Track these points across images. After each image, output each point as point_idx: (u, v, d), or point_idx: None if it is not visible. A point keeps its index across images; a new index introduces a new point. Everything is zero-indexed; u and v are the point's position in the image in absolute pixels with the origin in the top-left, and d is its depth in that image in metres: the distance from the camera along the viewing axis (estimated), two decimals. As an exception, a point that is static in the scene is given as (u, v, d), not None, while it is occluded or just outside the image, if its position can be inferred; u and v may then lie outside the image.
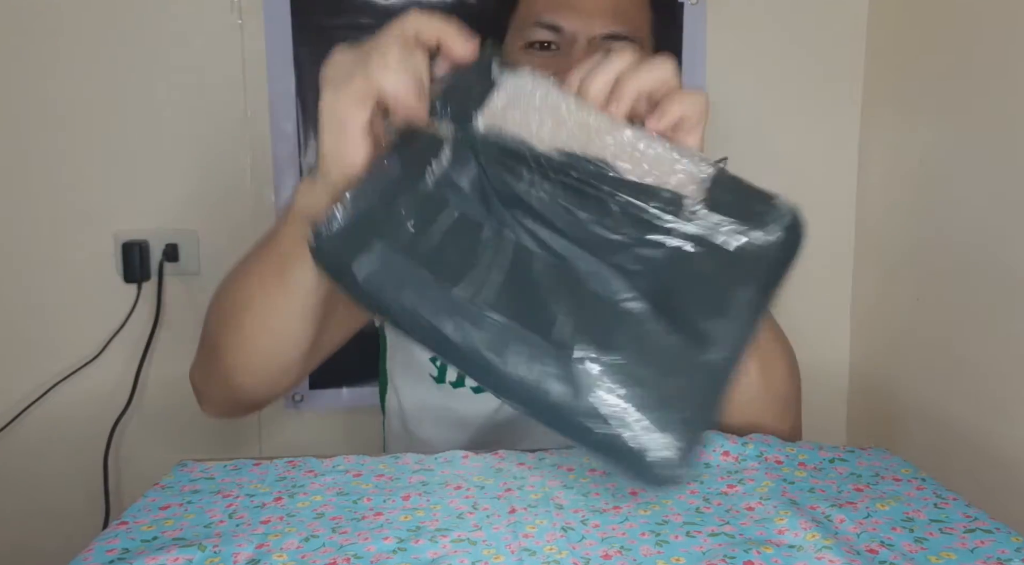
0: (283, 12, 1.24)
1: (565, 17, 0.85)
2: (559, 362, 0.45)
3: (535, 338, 0.45)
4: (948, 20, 1.15)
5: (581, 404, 0.44)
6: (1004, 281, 1.03)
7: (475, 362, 0.46)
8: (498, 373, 0.45)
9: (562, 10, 0.85)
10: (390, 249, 0.47)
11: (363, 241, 0.48)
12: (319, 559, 0.49)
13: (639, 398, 0.44)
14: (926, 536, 0.52)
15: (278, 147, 1.27)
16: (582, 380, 0.44)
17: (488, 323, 0.45)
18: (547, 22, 0.85)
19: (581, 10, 0.85)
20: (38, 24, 1.21)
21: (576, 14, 0.85)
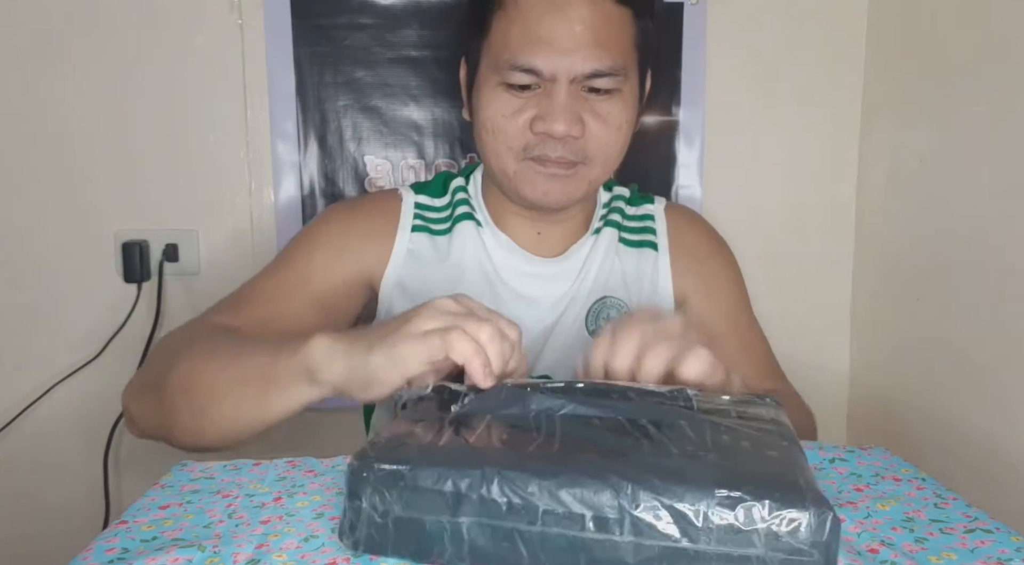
0: (283, 12, 1.24)
1: (544, 58, 0.78)
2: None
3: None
4: (948, 20, 1.15)
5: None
6: (1004, 281, 1.03)
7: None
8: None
9: (539, 50, 0.78)
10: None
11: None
12: (319, 559, 0.49)
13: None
14: (926, 536, 0.52)
15: (278, 147, 1.27)
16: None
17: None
18: (523, 65, 0.79)
19: (559, 48, 0.78)
20: (38, 24, 1.21)
21: (554, 53, 0.78)
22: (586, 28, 0.78)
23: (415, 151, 1.30)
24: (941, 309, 1.16)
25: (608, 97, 0.82)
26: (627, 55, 0.83)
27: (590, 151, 0.83)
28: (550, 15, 0.78)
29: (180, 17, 1.23)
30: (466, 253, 0.91)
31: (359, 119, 1.28)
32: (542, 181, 0.83)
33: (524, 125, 0.81)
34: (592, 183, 0.86)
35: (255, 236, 1.29)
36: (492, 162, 0.86)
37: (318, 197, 1.29)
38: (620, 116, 0.83)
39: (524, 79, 0.80)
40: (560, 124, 0.79)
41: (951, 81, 1.14)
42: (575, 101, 0.80)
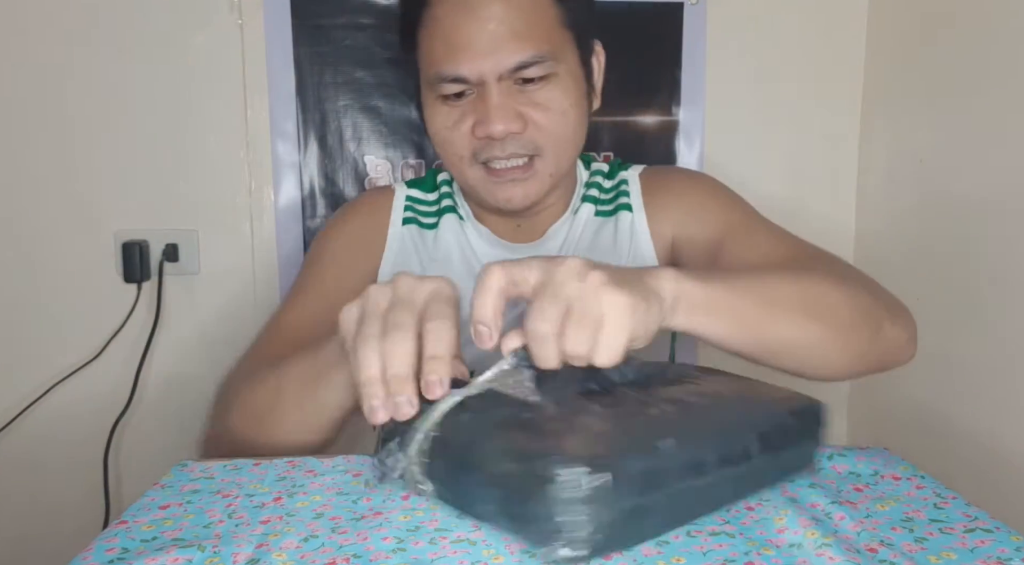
0: (283, 12, 1.24)
1: (466, 64, 0.78)
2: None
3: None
4: (948, 20, 1.15)
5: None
6: (1004, 280, 1.03)
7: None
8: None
9: (460, 56, 0.79)
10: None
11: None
12: (318, 559, 0.49)
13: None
14: (926, 535, 0.52)
15: (278, 147, 1.28)
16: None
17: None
18: (449, 75, 0.79)
19: (479, 50, 0.78)
20: (38, 25, 1.21)
21: (475, 56, 0.78)
22: (500, 24, 0.78)
23: (415, 151, 1.30)
24: (941, 309, 1.16)
25: (545, 84, 0.81)
26: (554, 38, 0.81)
27: (539, 141, 0.82)
28: (464, 20, 0.78)
29: (180, 17, 1.23)
30: (451, 246, 0.93)
31: (359, 119, 1.28)
32: (501, 190, 0.84)
33: (467, 132, 0.82)
34: (554, 175, 0.86)
35: (255, 236, 1.29)
36: (452, 173, 0.88)
37: (318, 197, 1.29)
38: (562, 101, 0.82)
39: (455, 88, 0.81)
40: (497, 124, 0.79)
41: (951, 81, 1.14)
42: (509, 97, 0.80)
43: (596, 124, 1.30)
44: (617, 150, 1.33)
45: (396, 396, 0.52)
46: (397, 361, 0.53)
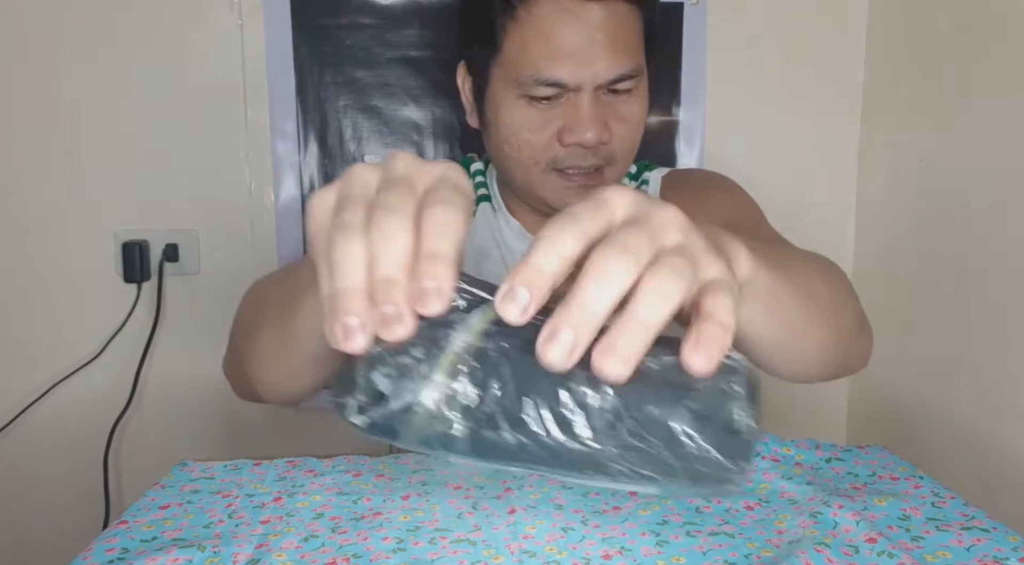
0: (283, 12, 1.25)
1: (568, 71, 0.77)
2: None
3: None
4: (948, 20, 1.15)
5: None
6: (1004, 281, 1.03)
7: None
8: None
9: (562, 63, 0.77)
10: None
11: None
12: (318, 559, 0.49)
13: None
14: (923, 534, 0.52)
15: (278, 147, 1.28)
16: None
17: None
18: (547, 79, 0.78)
19: (583, 59, 0.77)
20: (38, 25, 1.21)
21: (578, 64, 0.77)
22: (605, 34, 0.77)
23: (415, 151, 1.30)
24: (941, 309, 1.16)
25: (628, 96, 0.82)
26: (640, 52, 0.82)
27: (616, 153, 0.83)
28: (568, 24, 0.77)
29: (180, 18, 1.24)
30: (484, 232, 0.93)
31: (359, 119, 1.28)
32: (571, 195, 0.83)
33: (551, 137, 0.80)
34: (616, 180, 0.86)
35: (255, 236, 1.29)
36: (516, 174, 0.85)
37: (318, 197, 1.29)
38: (639, 113, 0.83)
39: (548, 91, 0.79)
40: (591, 133, 0.79)
41: (951, 81, 1.14)
42: (600, 107, 0.80)
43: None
44: (617, 150, 1.33)
45: (385, 306, 0.36)
46: (389, 259, 0.37)
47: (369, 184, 0.40)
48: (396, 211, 0.38)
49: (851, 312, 0.67)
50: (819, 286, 0.62)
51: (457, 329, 0.37)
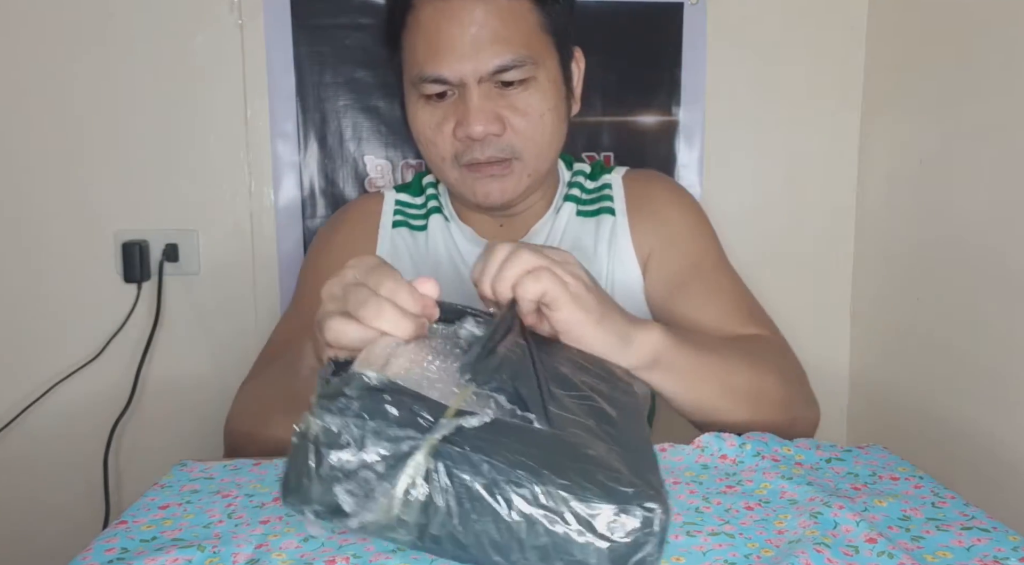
0: (283, 12, 1.25)
1: (447, 65, 0.81)
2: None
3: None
4: (948, 21, 1.15)
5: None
6: (1004, 281, 1.03)
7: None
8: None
9: (441, 58, 0.81)
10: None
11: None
12: (318, 559, 0.49)
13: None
14: (923, 534, 0.52)
15: (278, 147, 1.28)
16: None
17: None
18: (431, 76, 0.82)
19: (460, 53, 0.80)
20: (38, 25, 1.21)
21: (456, 59, 0.80)
22: (481, 28, 0.80)
23: (415, 151, 1.30)
24: (941, 309, 1.16)
25: (523, 88, 0.83)
26: (533, 42, 0.83)
27: (517, 145, 0.84)
28: (446, 23, 0.81)
29: (180, 17, 1.24)
30: (439, 247, 0.95)
31: (359, 119, 1.28)
32: (480, 185, 0.86)
33: (449, 133, 0.84)
34: (532, 175, 0.88)
35: (255, 236, 1.29)
36: (435, 172, 0.90)
37: (318, 197, 1.29)
38: (540, 105, 0.84)
39: (436, 89, 0.83)
40: (477, 125, 0.81)
41: (951, 81, 1.14)
42: (489, 100, 0.82)
43: (596, 124, 1.31)
44: (617, 150, 1.33)
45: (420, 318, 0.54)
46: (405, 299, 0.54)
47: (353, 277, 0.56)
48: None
49: (775, 401, 0.76)
50: (740, 376, 0.73)
51: (415, 444, 0.42)
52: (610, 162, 1.32)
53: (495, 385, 0.48)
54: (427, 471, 0.42)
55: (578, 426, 0.49)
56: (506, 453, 0.42)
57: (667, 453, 0.67)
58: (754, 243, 1.34)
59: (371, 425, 0.42)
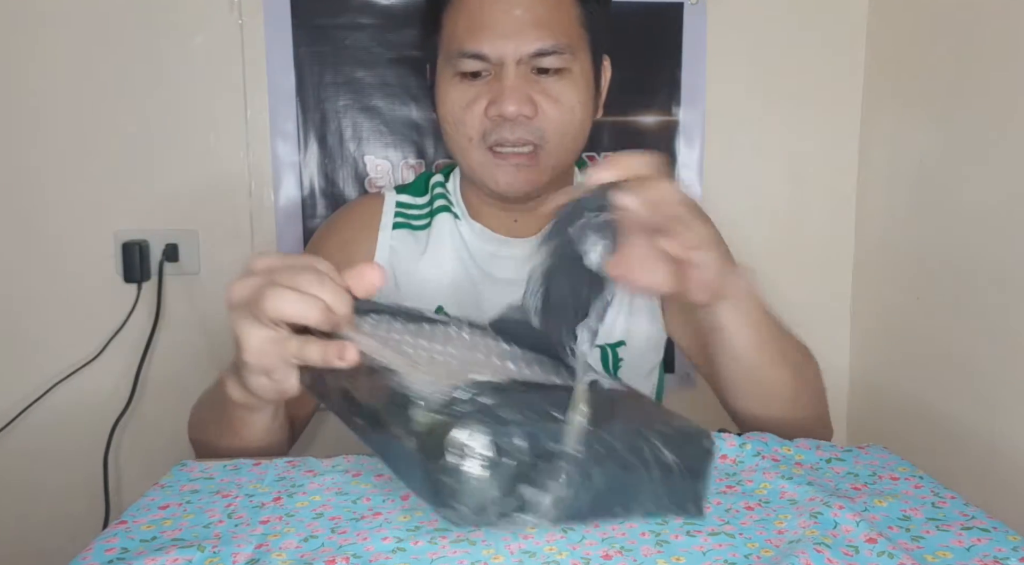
0: (283, 12, 1.25)
1: (488, 43, 0.82)
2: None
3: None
4: (948, 20, 1.15)
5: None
6: (1004, 281, 1.03)
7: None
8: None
9: (483, 35, 0.82)
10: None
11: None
12: (318, 559, 0.49)
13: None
14: (923, 534, 0.52)
15: (278, 147, 1.28)
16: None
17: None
18: (470, 52, 0.83)
19: (502, 32, 0.82)
20: (38, 24, 1.21)
21: (497, 37, 0.82)
22: (526, 11, 0.82)
23: (415, 151, 1.30)
24: (941, 309, 1.16)
25: (558, 77, 0.84)
26: (572, 34, 0.85)
27: (546, 131, 0.85)
28: (490, 3, 0.83)
29: (180, 17, 1.24)
30: (444, 244, 0.94)
31: (359, 119, 1.28)
32: (503, 173, 0.86)
33: (480, 113, 0.84)
34: (554, 168, 0.88)
35: (255, 236, 1.29)
36: (458, 156, 0.90)
37: (318, 197, 1.29)
38: (572, 96, 0.85)
39: (474, 66, 0.83)
40: (510, 104, 0.82)
41: (951, 81, 1.14)
42: (525, 82, 0.83)
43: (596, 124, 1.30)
44: (617, 150, 1.33)
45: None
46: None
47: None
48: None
49: (813, 397, 0.77)
50: (793, 351, 0.74)
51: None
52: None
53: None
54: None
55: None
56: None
57: (667, 453, 0.67)
58: (754, 243, 1.34)
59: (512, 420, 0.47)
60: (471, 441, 0.45)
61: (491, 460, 0.45)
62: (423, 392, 0.48)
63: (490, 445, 0.45)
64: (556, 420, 0.48)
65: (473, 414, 0.46)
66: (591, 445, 0.48)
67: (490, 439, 0.45)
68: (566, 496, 0.47)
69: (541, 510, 0.46)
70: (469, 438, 0.45)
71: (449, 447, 0.44)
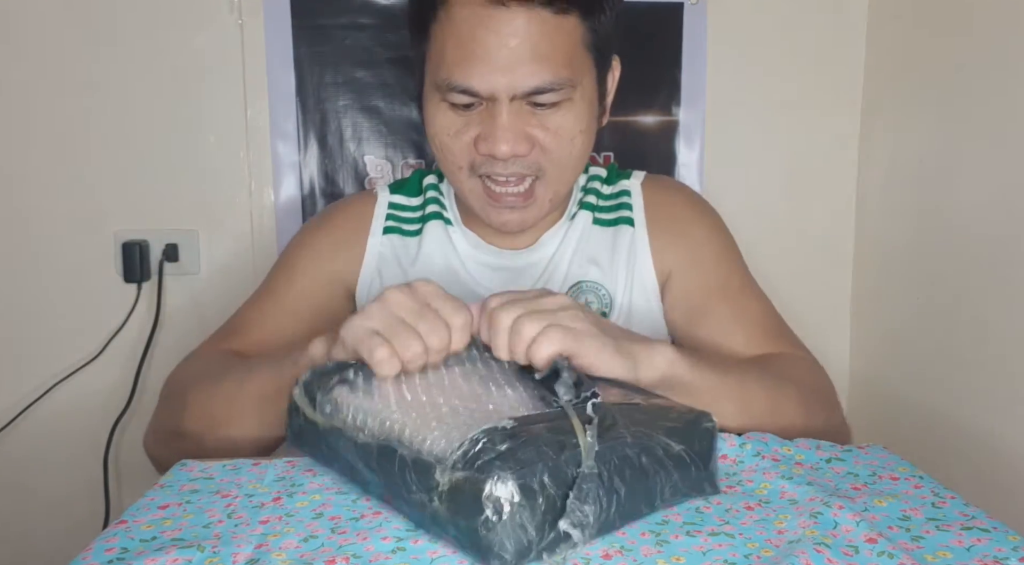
0: (283, 12, 1.25)
1: (479, 78, 0.74)
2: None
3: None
4: (948, 21, 1.15)
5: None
6: (1004, 280, 1.03)
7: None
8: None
9: (474, 69, 0.74)
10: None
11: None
12: (318, 559, 0.49)
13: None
14: (923, 534, 0.52)
15: (278, 147, 1.28)
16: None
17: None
18: (459, 86, 0.75)
19: (495, 66, 0.73)
20: (38, 25, 1.21)
21: (490, 72, 0.73)
22: (523, 42, 0.73)
23: (415, 151, 1.30)
24: (941, 308, 1.16)
25: (556, 109, 0.77)
26: (575, 63, 0.77)
27: (543, 165, 0.79)
28: (483, 29, 0.73)
29: (180, 17, 1.24)
30: (435, 253, 0.91)
31: (359, 119, 1.28)
32: (498, 214, 0.82)
33: (469, 144, 0.78)
34: (553, 200, 0.83)
35: (255, 236, 1.29)
36: (447, 176, 0.85)
37: (318, 197, 1.29)
38: (573, 127, 0.79)
39: (463, 99, 0.76)
40: (503, 145, 0.75)
41: (951, 82, 1.14)
42: (519, 118, 0.76)
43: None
44: (617, 150, 1.33)
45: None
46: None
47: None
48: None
49: (795, 420, 0.73)
50: (757, 395, 0.72)
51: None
52: (610, 161, 1.32)
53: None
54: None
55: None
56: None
57: (667, 453, 0.67)
58: (754, 243, 1.34)
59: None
60: (503, 491, 0.46)
61: (527, 505, 0.46)
62: (440, 452, 0.49)
63: (521, 490, 0.46)
64: (568, 446, 0.49)
65: (497, 463, 0.47)
66: (607, 460, 0.50)
67: (520, 484, 0.46)
68: (597, 513, 0.49)
69: (579, 535, 0.48)
70: (501, 489, 0.46)
71: (486, 502, 0.46)
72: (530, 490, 0.46)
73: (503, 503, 0.46)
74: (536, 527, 0.47)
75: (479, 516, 0.46)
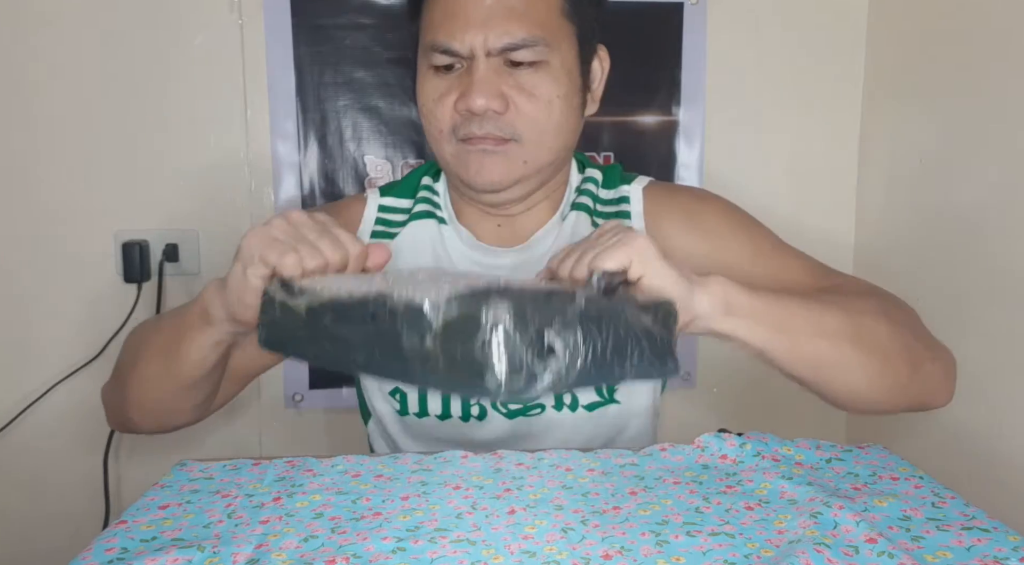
0: (283, 12, 1.25)
1: (457, 36, 0.78)
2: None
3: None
4: (948, 20, 1.15)
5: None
6: (1004, 280, 1.03)
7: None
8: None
9: (452, 28, 0.79)
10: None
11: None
12: (318, 559, 0.49)
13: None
14: (923, 534, 0.52)
15: (278, 147, 1.28)
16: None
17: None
18: (441, 45, 0.79)
19: (470, 23, 0.78)
20: (38, 24, 1.21)
21: (466, 28, 0.78)
22: (498, 2, 0.78)
23: (415, 151, 1.30)
24: (941, 309, 1.16)
25: (533, 70, 0.80)
26: (551, 25, 0.80)
27: (519, 127, 0.81)
28: None
29: (180, 17, 1.24)
30: (421, 251, 0.90)
31: (359, 119, 1.28)
32: (473, 159, 0.82)
33: (450, 106, 0.81)
34: (529, 163, 0.83)
35: (255, 236, 1.29)
36: (434, 150, 0.87)
37: (318, 197, 1.29)
38: (549, 89, 0.81)
39: (444, 59, 0.80)
40: (478, 98, 0.78)
41: (951, 80, 1.14)
42: (496, 76, 0.79)
43: (596, 124, 1.31)
44: (617, 150, 1.33)
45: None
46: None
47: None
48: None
49: (901, 344, 0.70)
50: (831, 315, 0.68)
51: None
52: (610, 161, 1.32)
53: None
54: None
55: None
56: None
57: (667, 453, 0.67)
58: (754, 243, 1.34)
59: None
60: (499, 316, 0.47)
61: (520, 329, 0.48)
62: (429, 297, 0.50)
63: (515, 316, 0.48)
64: (559, 296, 0.51)
65: (493, 293, 0.48)
66: (591, 313, 0.52)
67: (515, 310, 0.48)
68: (576, 349, 0.50)
69: (561, 357, 0.50)
70: (498, 312, 0.47)
71: (484, 323, 0.47)
72: (522, 318, 0.48)
73: (499, 326, 0.47)
74: (529, 351, 0.48)
75: (474, 340, 0.47)
